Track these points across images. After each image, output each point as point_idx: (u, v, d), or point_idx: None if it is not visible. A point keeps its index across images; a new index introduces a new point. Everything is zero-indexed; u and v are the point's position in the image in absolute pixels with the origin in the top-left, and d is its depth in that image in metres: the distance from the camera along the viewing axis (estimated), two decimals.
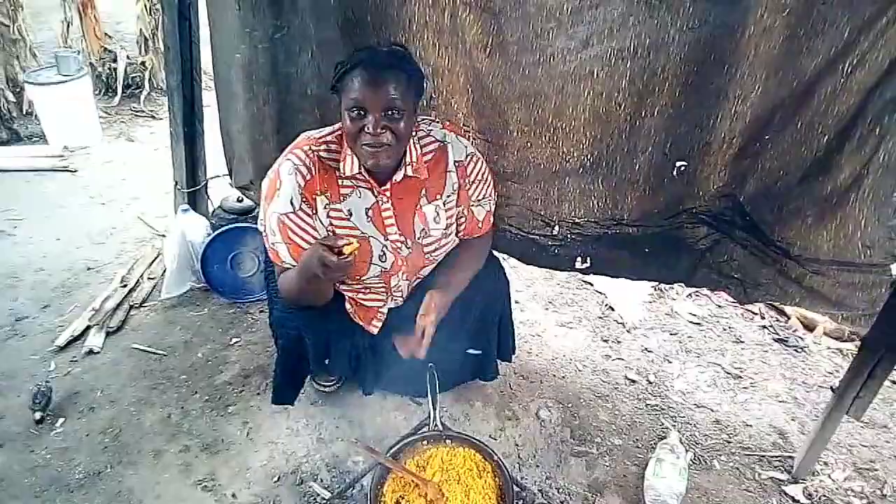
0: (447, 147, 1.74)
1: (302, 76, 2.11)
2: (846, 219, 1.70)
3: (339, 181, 1.66)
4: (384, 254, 1.74)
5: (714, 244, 1.96)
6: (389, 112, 1.50)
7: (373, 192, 1.68)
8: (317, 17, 1.96)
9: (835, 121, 1.62)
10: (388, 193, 1.69)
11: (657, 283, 2.49)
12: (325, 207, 1.65)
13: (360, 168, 1.63)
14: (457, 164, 1.76)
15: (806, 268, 1.84)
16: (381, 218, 1.71)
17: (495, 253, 2.14)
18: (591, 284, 3.05)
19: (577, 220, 2.07)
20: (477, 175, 1.80)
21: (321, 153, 1.64)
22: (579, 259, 2.14)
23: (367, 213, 1.70)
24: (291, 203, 1.62)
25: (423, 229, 1.77)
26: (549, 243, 2.15)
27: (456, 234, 1.90)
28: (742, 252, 1.94)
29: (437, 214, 1.77)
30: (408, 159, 1.67)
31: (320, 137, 1.67)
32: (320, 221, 1.67)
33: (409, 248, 1.77)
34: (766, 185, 1.79)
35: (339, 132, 1.66)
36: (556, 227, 2.10)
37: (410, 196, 1.73)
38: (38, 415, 2.12)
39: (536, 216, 2.12)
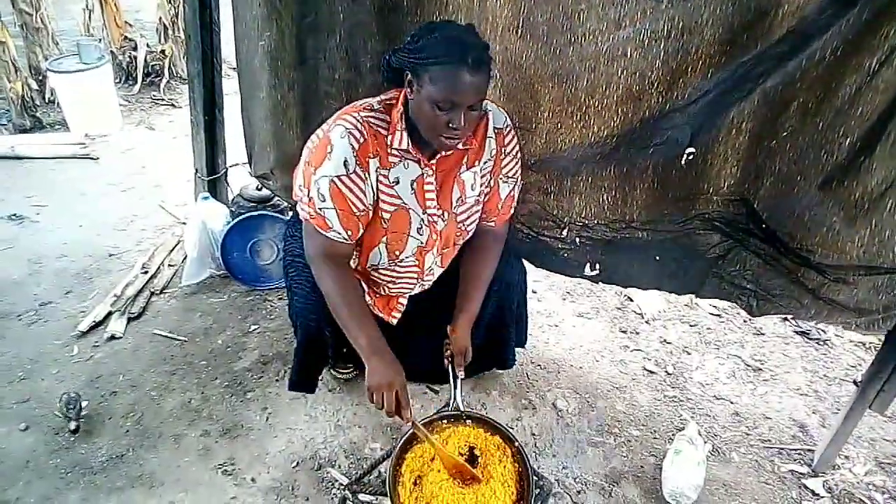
0: (488, 114, 1.74)
1: (330, 60, 2.10)
2: (882, 224, 1.63)
3: (389, 149, 1.64)
4: (422, 227, 1.74)
5: (726, 252, 1.92)
6: (475, 107, 1.51)
7: (419, 165, 1.68)
8: (350, 0, 1.96)
9: (859, 122, 1.56)
10: (433, 167, 1.69)
11: (668, 293, 2.41)
12: (375, 171, 1.63)
13: (409, 144, 1.62)
14: (496, 130, 1.76)
15: (827, 276, 1.78)
16: (423, 192, 1.70)
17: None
18: None
19: (586, 222, 2.04)
20: (512, 148, 1.80)
21: (371, 120, 1.62)
22: (588, 265, 2.11)
23: (411, 185, 1.69)
24: (346, 165, 1.58)
25: (460, 197, 1.76)
26: (560, 246, 2.12)
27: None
28: (756, 261, 1.89)
29: (475, 181, 1.77)
30: None
31: (367, 106, 1.65)
32: (372, 187, 1.64)
33: (444, 221, 1.77)
34: (783, 191, 1.74)
35: (388, 102, 1.65)
36: (566, 230, 2.08)
37: (453, 164, 1.73)
38: (73, 424, 2.07)
39: (548, 215, 2.10)
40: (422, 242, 1.76)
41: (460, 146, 1.66)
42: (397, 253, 1.77)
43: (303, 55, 2.12)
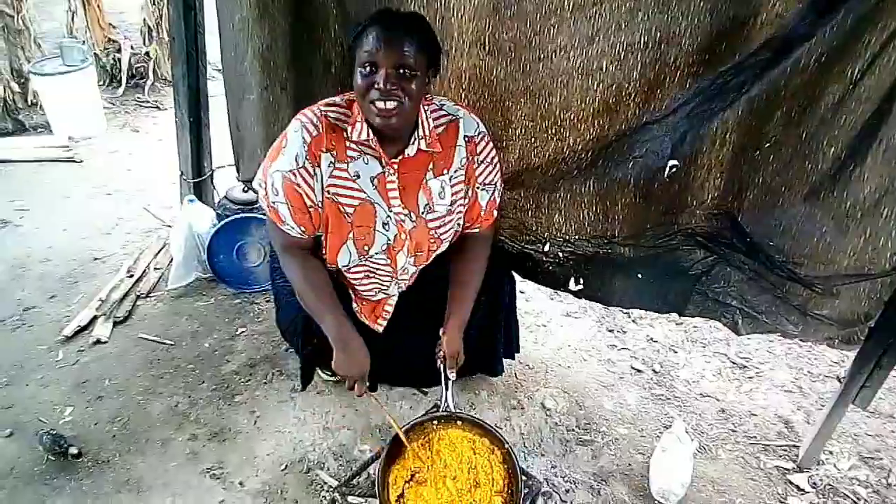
0: (458, 121, 1.72)
1: (326, 56, 2.09)
2: (878, 231, 1.63)
3: (347, 143, 1.64)
4: (388, 223, 1.72)
5: (710, 268, 1.91)
6: (401, 70, 1.48)
7: (380, 163, 1.67)
8: (338, 1, 1.97)
9: (843, 131, 1.56)
10: (395, 166, 1.67)
11: (651, 312, 2.42)
12: (329, 165, 1.63)
13: (368, 135, 1.61)
14: (466, 138, 1.73)
15: (815, 289, 1.79)
16: (386, 189, 1.69)
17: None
18: None
19: (567, 238, 2.03)
20: (486, 155, 1.78)
21: (329, 113, 1.64)
22: (573, 279, 2.11)
23: (373, 182, 1.68)
24: (296, 159, 1.60)
25: (428, 204, 1.74)
26: (544, 259, 2.12)
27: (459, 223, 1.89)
28: (740, 276, 1.88)
29: (443, 189, 1.74)
30: (421, 132, 1.65)
31: (330, 102, 1.67)
32: (321, 183, 1.64)
33: (413, 221, 1.75)
34: (768, 203, 1.74)
35: (350, 98, 1.66)
36: (548, 245, 2.07)
37: (417, 170, 1.71)
38: (73, 450, 1.99)
39: (528, 231, 2.10)
40: (389, 239, 1.74)
41: (411, 151, 1.65)
42: (366, 248, 1.75)
43: (298, 52, 2.11)
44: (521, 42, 1.77)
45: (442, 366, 1.86)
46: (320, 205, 1.67)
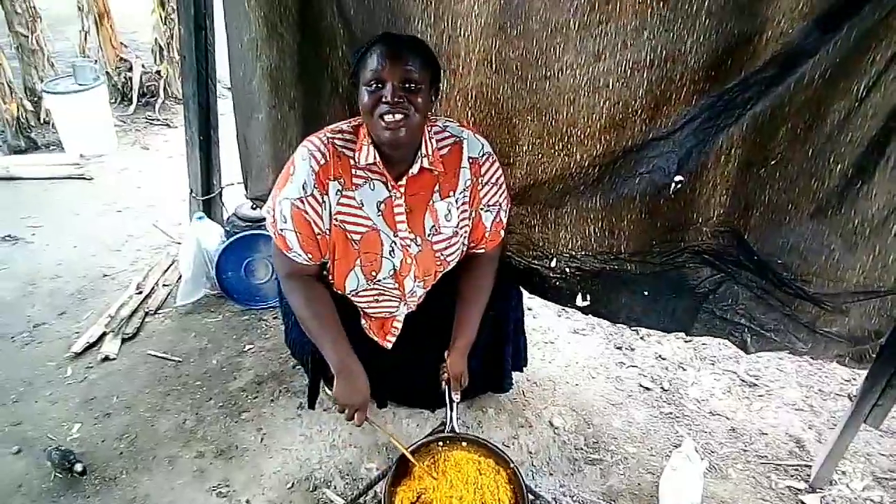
0: (462, 143, 1.73)
1: (334, 74, 2.11)
2: (886, 248, 1.62)
3: (354, 170, 1.65)
4: (393, 249, 1.73)
5: (717, 286, 1.90)
6: (407, 84, 1.51)
7: (387, 187, 1.68)
8: (345, 20, 1.99)
9: (850, 148, 1.55)
10: (402, 189, 1.68)
11: (658, 331, 2.40)
12: (336, 193, 1.65)
13: (375, 158, 1.62)
14: (471, 160, 1.74)
15: (824, 306, 1.77)
16: (393, 214, 1.70)
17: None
18: None
19: (574, 254, 2.03)
20: (491, 177, 1.78)
21: (336, 141, 1.65)
22: (580, 295, 2.10)
23: (378, 207, 1.69)
24: (304, 188, 1.62)
25: (434, 226, 1.75)
26: (551, 275, 2.11)
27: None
28: (748, 294, 1.87)
29: (449, 212, 1.75)
30: (423, 151, 1.66)
31: (336, 129, 1.69)
32: (329, 210, 1.66)
33: (419, 245, 1.76)
34: (774, 221, 1.73)
35: (356, 123, 1.68)
36: (554, 261, 2.07)
37: (424, 192, 1.72)
38: (79, 466, 1.98)
39: (534, 246, 2.10)
40: (396, 266, 1.75)
41: (414, 170, 1.66)
42: (374, 274, 1.76)
43: (305, 70, 2.13)
44: (527, 60, 1.78)
45: (446, 387, 1.87)
46: (328, 232, 1.68)
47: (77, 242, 3.33)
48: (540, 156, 1.93)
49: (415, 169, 1.67)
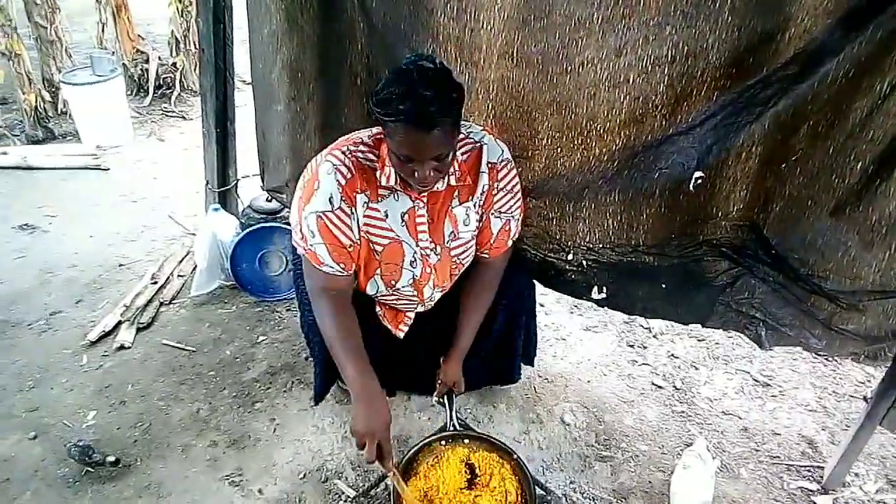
0: (482, 147, 1.72)
1: (353, 67, 2.11)
2: None
3: (378, 183, 1.65)
4: (415, 259, 1.74)
5: (734, 280, 1.89)
6: (437, 158, 1.49)
7: (410, 197, 1.68)
8: (366, 13, 1.97)
9: (871, 146, 1.54)
10: (424, 199, 1.68)
11: (674, 326, 2.36)
12: (363, 205, 1.65)
13: (396, 181, 1.62)
14: (490, 165, 1.73)
15: (840, 303, 1.75)
16: (415, 224, 1.70)
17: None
18: None
19: (591, 246, 2.02)
20: (507, 183, 1.77)
21: (358, 155, 1.63)
22: (596, 288, 2.09)
23: (402, 217, 1.69)
24: (331, 201, 1.60)
25: (453, 232, 1.76)
26: (567, 267, 2.10)
27: None
28: (765, 289, 1.86)
29: (468, 216, 1.76)
30: (451, 169, 1.65)
31: (357, 140, 1.67)
32: (357, 222, 1.66)
33: (437, 254, 1.76)
34: (793, 216, 1.71)
35: (377, 137, 1.66)
36: (571, 254, 2.06)
37: (444, 199, 1.72)
38: (111, 458, 2.01)
39: (552, 239, 2.09)
40: (416, 275, 1.76)
41: (441, 186, 1.65)
42: (393, 283, 1.77)
43: (325, 63, 2.13)
44: (548, 54, 1.77)
45: (444, 392, 1.94)
46: (358, 241, 1.68)
47: (93, 232, 3.36)
48: (559, 149, 1.93)
49: (440, 185, 1.65)
